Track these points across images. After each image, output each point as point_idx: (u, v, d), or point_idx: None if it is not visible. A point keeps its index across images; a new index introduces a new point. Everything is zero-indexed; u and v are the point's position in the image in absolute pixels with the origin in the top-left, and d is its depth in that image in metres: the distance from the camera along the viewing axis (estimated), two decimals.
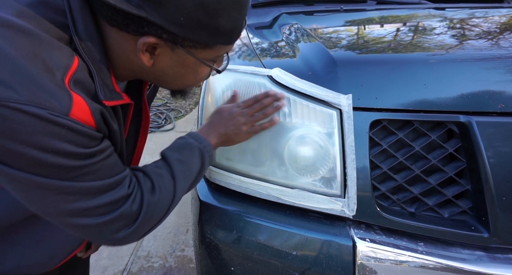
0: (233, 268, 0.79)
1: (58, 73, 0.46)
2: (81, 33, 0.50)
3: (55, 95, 0.45)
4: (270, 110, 0.78)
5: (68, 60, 0.48)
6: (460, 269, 0.66)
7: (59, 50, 0.47)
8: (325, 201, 0.76)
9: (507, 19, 1.18)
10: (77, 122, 0.47)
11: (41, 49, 0.46)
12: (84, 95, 0.49)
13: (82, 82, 0.49)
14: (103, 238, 0.56)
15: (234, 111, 0.78)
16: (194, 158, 0.70)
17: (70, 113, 0.46)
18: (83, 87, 0.50)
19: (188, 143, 0.72)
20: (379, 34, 1.08)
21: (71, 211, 0.51)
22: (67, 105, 0.46)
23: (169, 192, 0.63)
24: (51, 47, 0.47)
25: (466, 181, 0.74)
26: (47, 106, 0.44)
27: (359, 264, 0.69)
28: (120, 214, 0.55)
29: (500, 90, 0.71)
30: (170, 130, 3.48)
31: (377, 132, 0.76)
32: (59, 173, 0.47)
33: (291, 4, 1.56)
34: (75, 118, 0.47)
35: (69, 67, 0.48)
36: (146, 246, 1.91)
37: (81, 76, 0.49)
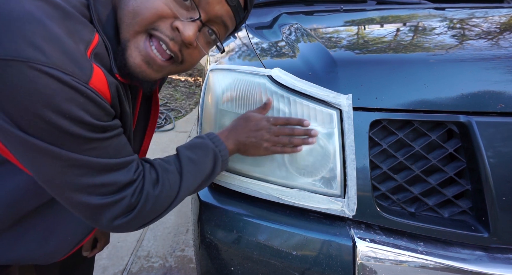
0: (233, 268, 0.79)
1: (82, 45, 0.50)
2: (101, 14, 0.55)
3: (79, 62, 0.47)
4: (298, 141, 0.75)
5: (91, 34, 0.52)
6: (460, 269, 0.66)
7: (83, 25, 0.51)
8: (325, 201, 0.76)
9: (507, 19, 1.18)
10: (95, 92, 0.49)
11: (69, 21, 0.49)
12: (103, 68, 0.52)
13: (101, 56, 0.53)
14: (100, 222, 0.56)
15: (262, 124, 0.75)
16: (206, 159, 0.69)
17: (90, 82, 0.48)
18: (102, 62, 0.53)
19: (204, 143, 0.71)
20: (379, 34, 1.08)
21: (74, 185, 0.52)
22: (88, 74, 0.48)
23: (172, 188, 0.63)
24: (77, 21, 0.50)
25: (466, 181, 0.74)
26: (71, 72, 0.46)
27: (359, 264, 0.69)
28: (121, 199, 0.55)
29: (500, 90, 0.71)
30: (170, 131, 3.48)
31: (377, 132, 0.76)
32: (71, 143, 0.49)
33: (291, 4, 1.56)
34: (94, 87, 0.49)
35: (91, 41, 0.51)
36: (146, 246, 1.91)
37: (101, 51, 0.53)
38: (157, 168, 0.63)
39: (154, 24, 0.55)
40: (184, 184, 0.64)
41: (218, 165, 0.71)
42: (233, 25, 0.65)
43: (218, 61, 1.02)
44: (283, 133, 0.75)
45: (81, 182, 0.52)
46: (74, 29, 0.49)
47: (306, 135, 0.75)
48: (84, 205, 0.53)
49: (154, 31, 0.55)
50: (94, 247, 1.01)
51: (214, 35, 0.63)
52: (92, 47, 0.51)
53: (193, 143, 0.71)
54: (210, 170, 0.70)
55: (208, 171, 0.70)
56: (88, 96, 0.48)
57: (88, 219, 0.56)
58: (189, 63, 0.63)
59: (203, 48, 0.62)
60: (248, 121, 0.76)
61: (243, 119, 0.77)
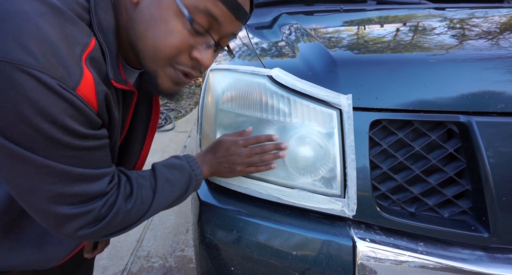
0: (233, 268, 0.79)
1: (77, 48, 0.49)
2: (101, 18, 0.54)
3: (69, 67, 0.47)
4: (270, 156, 0.78)
5: (87, 38, 0.51)
6: (460, 269, 0.66)
7: (80, 28, 0.50)
8: (325, 201, 0.76)
9: (507, 19, 1.18)
10: (81, 99, 0.48)
11: (66, 24, 0.48)
12: (96, 74, 0.51)
13: (97, 61, 0.52)
14: (63, 231, 0.54)
15: (232, 150, 0.78)
16: (182, 181, 0.71)
17: (77, 88, 0.48)
18: (97, 66, 0.52)
19: (182, 165, 0.73)
20: (379, 34, 1.08)
21: (44, 193, 0.50)
22: (77, 79, 0.48)
23: (144, 205, 0.63)
24: (73, 24, 0.50)
25: (466, 181, 0.74)
26: (59, 77, 0.46)
27: (359, 264, 0.69)
28: (90, 210, 0.54)
29: (500, 90, 0.71)
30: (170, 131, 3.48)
31: (377, 132, 0.76)
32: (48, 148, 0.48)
33: (291, 4, 1.56)
34: (81, 94, 0.48)
35: (87, 45, 0.50)
36: (146, 246, 1.91)
37: (96, 55, 0.52)
38: (132, 182, 0.63)
39: (176, 58, 0.59)
40: (156, 201, 0.65)
41: (191, 187, 0.74)
42: (240, 30, 0.67)
43: (218, 61, 1.02)
44: (254, 153, 0.78)
45: (51, 190, 0.50)
46: (70, 32, 0.49)
47: (277, 149, 0.78)
48: (50, 213, 0.52)
49: (177, 66, 0.60)
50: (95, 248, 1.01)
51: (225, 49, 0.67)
52: (88, 51, 0.50)
53: (171, 162, 0.72)
54: (183, 191, 0.72)
55: (181, 191, 0.71)
56: (72, 102, 0.47)
57: (50, 228, 0.54)
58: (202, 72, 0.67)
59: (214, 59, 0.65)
60: (220, 147, 0.79)
61: (215, 144, 0.80)
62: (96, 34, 0.53)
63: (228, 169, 0.79)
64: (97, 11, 0.54)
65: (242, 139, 0.79)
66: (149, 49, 0.58)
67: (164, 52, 0.57)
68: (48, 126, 0.46)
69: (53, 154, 0.48)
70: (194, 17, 0.55)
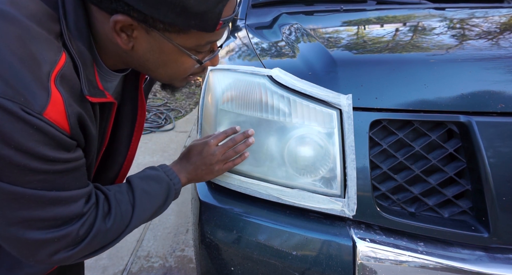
0: (233, 268, 0.79)
1: (45, 68, 0.45)
2: (71, 27, 0.50)
3: (33, 90, 0.43)
4: (242, 146, 0.79)
5: (56, 55, 0.47)
6: (460, 269, 0.66)
7: (47, 45, 0.47)
8: (325, 201, 0.76)
9: (507, 19, 1.18)
10: (49, 123, 0.45)
11: (30, 41, 0.45)
12: (67, 93, 0.48)
13: (68, 78, 0.48)
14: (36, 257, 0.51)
15: (205, 151, 0.77)
16: (160, 192, 0.69)
17: (44, 112, 0.44)
18: (68, 84, 0.48)
19: (159, 176, 0.71)
20: (379, 34, 1.08)
21: (12, 219, 0.47)
22: (42, 103, 0.44)
23: (123, 221, 0.61)
24: (40, 41, 0.46)
25: (466, 181, 0.74)
26: (21, 101, 0.42)
27: (359, 264, 0.69)
28: (66, 234, 0.51)
29: (500, 90, 0.71)
30: (170, 131, 3.48)
31: (377, 132, 0.76)
32: (13, 174, 0.45)
33: (291, 4, 1.56)
34: (48, 118, 0.45)
35: (56, 62, 0.47)
36: (146, 246, 1.91)
37: (67, 72, 0.48)
38: (110, 199, 0.61)
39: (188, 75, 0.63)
40: (135, 215, 0.63)
41: (170, 197, 0.72)
42: None
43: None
44: (227, 148, 0.78)
45: (20, 216, 0.47)
46: (36, 50, 0.45)
47: (245, 138, 0.79)
48: (21, 240, 0.48)
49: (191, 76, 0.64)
50: None
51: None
52: (57, 69, 0.47)
53: (147, 174, 0.71)
54: (162, 202, 0.70)
55: (161, 202, 0.70)
56: (38, 127, 0.44)
57: (23, 256, 0.51)
58: None
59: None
60: (192, 152, 0.79)
61: (188, 151, 0.80)
62: (67, 45, 0.50)
63: (206, 171, 0.78)
64: (67, 20, 0.50)
65: (211, 138, 0.79)
66: (163, 78, 0.62)
67: (179, 78, 0.62)
68: (11, 152, 0.43)
69: (19, 180, 0.45)
70: (200, 51, 0.57)
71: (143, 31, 0.51)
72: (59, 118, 0.46)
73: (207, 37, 0.54)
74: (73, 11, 0.50)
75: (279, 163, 0.80)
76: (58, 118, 0.46)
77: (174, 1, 0.46)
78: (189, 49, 0.55)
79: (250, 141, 0.79)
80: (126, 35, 0.51)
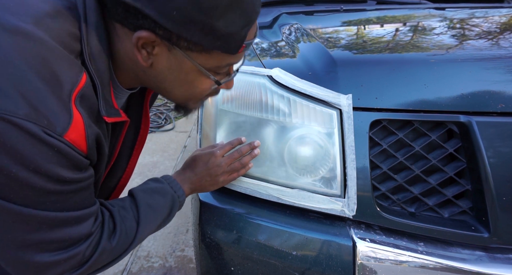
0: (233, 268, 0.79)
1: (66, 88, 0.45)
2: (93, 46, 0.50)
3: (56, 112, 0.44)
4: (247, 158, 0.78)
5: (77, 76, 0.47)
6: (460, 269, 0.66)
7: (69, 65, 0.47)
8: (325, 201, 0.76)
9: (507, 19, 1.18)
10: (70, 145, 0.45)
11: (53, 62, 0.45)
12: (86, 113, 0.48)
13: (87, 98, 0.49)
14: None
15: (211, 162, 0.76)
16: (165, 204, 0.69)
17: (65, 134, 0.44)
18: (87, 104, 0.49)
19: (163, 188, 0.70)
20: (379, 34, 1.08)
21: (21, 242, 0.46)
22: (64, 126, 0.44)
23: (128, 237, 0.60)
24: (62, 60, 0.46)
25: (466, 181, 0.74)
26: (44, 124, 0.42)
27: (359, 264, 0.69)
28: (73, 255, 0.51)
29: (500, 90, 0.71)
30: (170, 130, 3.48)
31: (377, 132, 0.76)
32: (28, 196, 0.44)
33: (291, 4, 1.56)
34: (69, 140, 0.45)
35: (77, 83, 0.47)
36: (146, 246, 1.91)
37: (87, 92, 0.49)
38: (115, 216, 0.60)
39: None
40: (140, 231, 0.62)
41: (175, 209, 0.71)
42: None
43: None
44: (233, 159, 0.77)
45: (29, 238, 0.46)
46: (58, 70, 0.45)
47: (251, 149, 0.79)
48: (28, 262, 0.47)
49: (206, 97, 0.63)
50: None
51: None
52: (78, 89, 0.47)
53: (151, 187, 0.69)
54: (167, 214, 0.69)
55: (165, 215, 0.69)
56: (59, 149, 0.44)
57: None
58: None
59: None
60: (198, 162, 0.77)
61: (193, 161, 0.78)
62: (86, 65, 0.50)
63: (211, 182, 0.77)
64: (89, 40, 0.50)
65: (217, 149, 0.78)
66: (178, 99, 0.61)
67: (194, 99, 0.62)
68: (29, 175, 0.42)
69: (33, 202, 0.45)
70: (219, 73, 0.57)
71: (164, 49, 0.51)
72: (79, 140, 0.47)
73: (228, 59, 0.54)
74: (95, 30, 0.50)
75: (279, 163, 0.79)
76: (78, 139, 0.47)
77: (204, 21, 0.47)
78: (208, 70, 0.55)
79: (256, 153, 0.79)
80: (146, 52, 0.51)
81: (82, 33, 0.50)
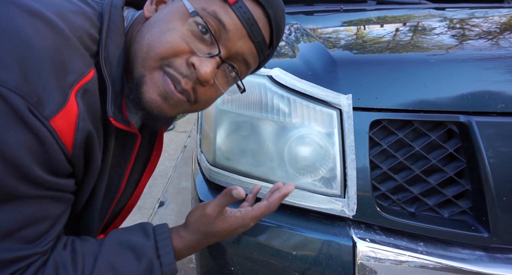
0: (233, 268, 0.79)
1: (71, 77, 0.43)
2: (110, 52, 0.49)
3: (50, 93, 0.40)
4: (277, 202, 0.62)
5: (85, 68, 0.46)
6: (460, 269, 0.66)
7: (80, 57, 0.46)
8: (325, 201, 0.76)
9: (507, 19, 1.18)
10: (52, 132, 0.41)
11: (64, 49, 0.44)
12: (85, 108, 0.45)
13: (90, 94, 0.46)
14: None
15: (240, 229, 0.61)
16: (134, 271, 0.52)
17: (52, 118, 0.40)
18: (90, 101, 0.46)
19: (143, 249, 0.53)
20: (379, 34, 1.08)
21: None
22: (54, 108, 0.41)
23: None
24: (74, 51, 0.45)
25: (466, 181, 0.74)
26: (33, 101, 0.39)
27: (359, 264, 0.69)
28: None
29: (500, 90, 0.71)
30: (170, 131, 3.48)
31: (377, 132, 0.76)
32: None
33: (291, 4, 1.56)
34: (54, 126, 0.41)
35: (84, 74, 0.45)
36: None
37: (92, 88, 0.46)
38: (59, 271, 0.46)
39: (169, 59, 0.50)
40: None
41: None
42: (255, 63, 0.58)
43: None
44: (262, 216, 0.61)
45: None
46: (67, 58, 0.43)
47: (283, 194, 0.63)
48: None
49: (168, 68, 0.50)
50: None
51: (234, 72, 0.56)
52: (82, 82, 0.44)
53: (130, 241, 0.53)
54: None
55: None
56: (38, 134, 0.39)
57: None
58: (203, 102, 0.56)
59: (221, 86, 0.55)
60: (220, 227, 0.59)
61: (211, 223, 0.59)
62: (102, 67, 0.48)
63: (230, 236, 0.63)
64: (107, 44, 0.49)
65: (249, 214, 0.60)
66: (143, 48, 0.51)
67: (157, 49, 0.49)
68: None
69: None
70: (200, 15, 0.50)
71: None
72: (66, 130, 0.42)
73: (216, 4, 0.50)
74: (116, 36, 0.50)
75: (279, 163, 0.79)
76: (65, 129, 0.42)
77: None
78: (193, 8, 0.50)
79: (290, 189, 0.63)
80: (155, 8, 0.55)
81: (102, 37, 0.49)
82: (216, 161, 0.87)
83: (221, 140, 0.86)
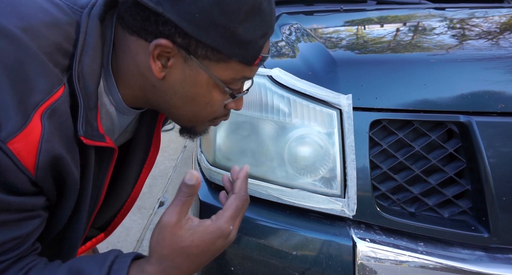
0: (233, 268, 0.79)
1: (36, 96, 0.42)
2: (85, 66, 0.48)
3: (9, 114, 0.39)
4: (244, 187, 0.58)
5: (53, 87, 0.44)
6: (460, 269, 0.66)
7: (48, 75, 0.44)
8: (325, 201, 0.76)
9: (507, 19, 1.18)
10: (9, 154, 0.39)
11: (29, 67, 0.42)
12: (52, 128, 0.43)
13: (60, 114, 0.44)
14: None
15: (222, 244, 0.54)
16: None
17: (9, 141, 0.39)
18: (58, 121, 0.44)
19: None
20: (379, 34, 1.08)
21: None
22: (12, 130, 0.39)
23: None
24: (41, 69, 0.43)
25: (466, 181, 0.74)
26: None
27: (359, 264, 0.69)
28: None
29: (500, 90, 0.71)
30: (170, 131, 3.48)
31: (377, 132, 0.76)
32: None
33: (291, 4, 1.56)
34: (12, 149, 0.39)
35: (51, 93, 0.43)
36: (146, 246, 1.90)
37: (61, 107, 0.44)
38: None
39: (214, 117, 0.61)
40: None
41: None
42: None
43: None
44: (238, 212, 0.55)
45: None
46: (31, 77, 0.42)
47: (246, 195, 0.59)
48: None
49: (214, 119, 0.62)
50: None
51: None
52: (49, 101, 0.42)
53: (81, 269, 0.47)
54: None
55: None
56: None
57: None
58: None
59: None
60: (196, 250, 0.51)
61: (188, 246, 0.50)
62: (73, 83, 0.46)
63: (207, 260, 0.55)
64: (82, 59, 0.48)
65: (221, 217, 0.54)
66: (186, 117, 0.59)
67: (203, 118, 0.59)
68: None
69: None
70: (232, 87, 0.55)
71: (180, 60, 0.50)
72: (26, 153, 0.40)
73: (243, 71, 0.53)
74: (92, 50, 0.48)
75: (279, 162, 0.80)
76: (25, 152, 0.40)
77: (225, 25, 0.46)
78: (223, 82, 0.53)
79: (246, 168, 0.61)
80: (160, 64, 0.50)
81: (77, 51, 0.48)
82: (216, 161, 0.87)
83: (221, 139, 0.86)
